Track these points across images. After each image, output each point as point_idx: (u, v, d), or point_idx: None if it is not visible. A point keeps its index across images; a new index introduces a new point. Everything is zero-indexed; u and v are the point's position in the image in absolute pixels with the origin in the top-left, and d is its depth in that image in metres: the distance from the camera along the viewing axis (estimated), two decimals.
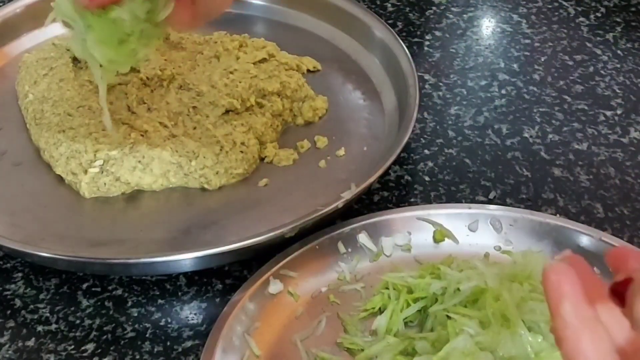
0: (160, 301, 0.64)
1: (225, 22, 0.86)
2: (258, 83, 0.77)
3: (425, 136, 0.78)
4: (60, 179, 0.72)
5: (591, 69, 0.86)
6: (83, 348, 0.61)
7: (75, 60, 0.80)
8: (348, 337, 0.59)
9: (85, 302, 0.64)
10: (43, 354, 0.61)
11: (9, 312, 0.64)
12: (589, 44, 0.89)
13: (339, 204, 0.65)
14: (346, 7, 0.86)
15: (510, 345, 0.53)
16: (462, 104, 0.82)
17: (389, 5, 0.95)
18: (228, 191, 0.71)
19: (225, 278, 0.66)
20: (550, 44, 0.89)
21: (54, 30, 0.86)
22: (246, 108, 0.75)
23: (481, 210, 0.66)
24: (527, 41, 0.89)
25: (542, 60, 0.87)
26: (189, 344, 0.61)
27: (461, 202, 0.71)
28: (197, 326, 0.62)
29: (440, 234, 0.65)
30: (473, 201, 0.71)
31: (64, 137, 0.72)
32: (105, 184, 0.70)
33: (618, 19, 0.92)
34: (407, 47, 0.80)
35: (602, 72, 0.85)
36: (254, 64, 0.80)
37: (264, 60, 0.81)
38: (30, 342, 0.61)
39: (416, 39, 0.90)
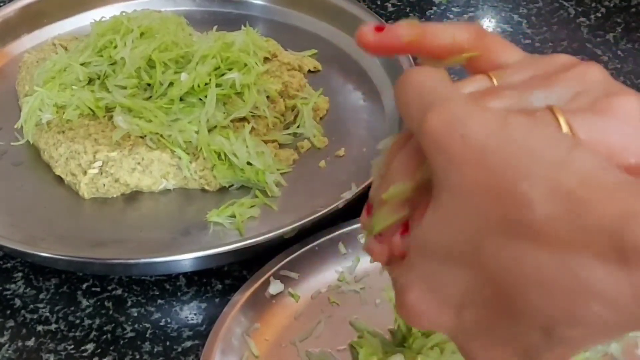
0: (160, 301, 0.64)
1: (226, 22, 0.86)
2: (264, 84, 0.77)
3: None
4: (60, 179, 0.71)
5: None
6: (83, 348, 0.61)
7: None
8: None
9: (85, 302, 0.64)
10: (43, 354, 0.61)
11: (9, 312, 0.64)
12: (589, 45, 0.89)
13: (339, 204, 0.65)
14: (347, 7, 0.86)
15: None
16: None
17: (390, 5, 0.95)
18: (228, 192, 0.71)
19: (225, 278, 0.66)
20: (551, 44, 0.89)
21: (54, 30, 0.87)
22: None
23: None
24: (528, 41, 0.89)
25: None
26: (188, 344, 0.61)
27: None
28: (196, 326, 0.62)
29: None
30: None
31: (64, 138, 0.72)
32: (104, 185, 0.70)
33: (618, 20, 0.92)
34: None
35: None
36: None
37: (266, 60, 0.81)
38: (30, 342, 0.61)
39: None
